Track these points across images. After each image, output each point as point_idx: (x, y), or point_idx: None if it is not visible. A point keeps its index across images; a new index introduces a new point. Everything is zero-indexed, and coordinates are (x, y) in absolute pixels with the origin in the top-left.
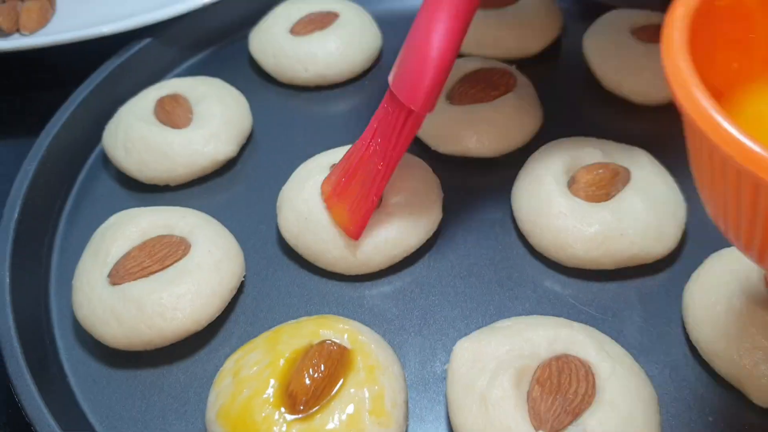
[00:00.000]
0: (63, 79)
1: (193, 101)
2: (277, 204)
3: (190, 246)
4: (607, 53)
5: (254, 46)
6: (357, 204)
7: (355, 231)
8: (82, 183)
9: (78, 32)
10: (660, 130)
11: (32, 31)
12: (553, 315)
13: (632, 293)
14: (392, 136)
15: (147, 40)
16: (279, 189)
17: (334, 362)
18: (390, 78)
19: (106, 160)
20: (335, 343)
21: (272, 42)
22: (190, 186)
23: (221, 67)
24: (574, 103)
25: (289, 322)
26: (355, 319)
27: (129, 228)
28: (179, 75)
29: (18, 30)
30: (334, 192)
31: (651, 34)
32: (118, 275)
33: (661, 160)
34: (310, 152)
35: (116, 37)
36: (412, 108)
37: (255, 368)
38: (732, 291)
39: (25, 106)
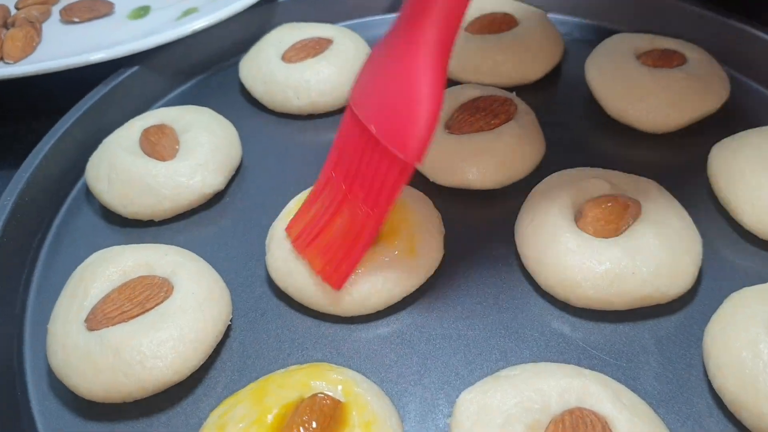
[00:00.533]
0: (49, 107)
1: (180, 131)
2: (267, 241)
3: (172, 287)
4: (611, 79)
5: (245, 73)
6: (340, 255)
7: (337, 281)
8: (64, 217)
9: (64, 60)
10: (668, 160)
11: (17, 60)
12: (563, 360)
13: (647, 336)
14: (380, 185)
15: (135, 68)
16: (269, 224)
17: (327, 418)
18: (359, 112)
19: (88, 194)
20: (328, 396)
21: (263, 69)
22: (175, 220)
23: (211, 95)
24: (577, 131)
25: (278, 371)
26: (350, 365)
27: (109, 268)
28: (168, 103)
29: (1, 58)
30: (307, 242)
31: (656, 59)
32: (96, 320)
33: (671, 191)
34: (302, 184)
35: (104, 65)
36: (407, 161)
37: (241, 424)
38: (757, 335)
39: (10, 134)
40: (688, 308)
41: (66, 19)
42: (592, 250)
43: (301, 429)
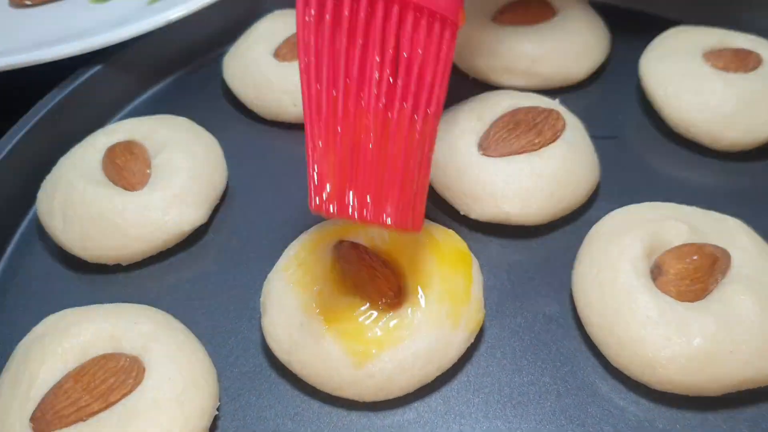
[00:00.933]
0: None
1: (153, 151)
2: (262, 299)
3: (143, 370)
4: (674, 84)
5: (230, 72)
6: (402, 190)
7: (415, 221)
8: (10, 260)
9: (13, 58)
10: (749, 186)
11: None
12: None
13: (745, 430)
14: (429, 64)
15: (98, 67)
16: (262, 269)
17: None
18: None
19: (41, 229)
20: None
21: (252, 69)
22: (148, 264)
23: (189, 99)
24: (634, 148)
25: None
26: None
27: (62, 344)
28: (137, 108)
29: None
30: (352, 184)
31: (728, 60)
32: (45, 420)
33: (757, 229)
34: (304, 216)
35: (61, 61)
36: (450, 17)
37: None
38: None
39: None
40: None
41: (17, 2)
42: (679, 321)
43: None
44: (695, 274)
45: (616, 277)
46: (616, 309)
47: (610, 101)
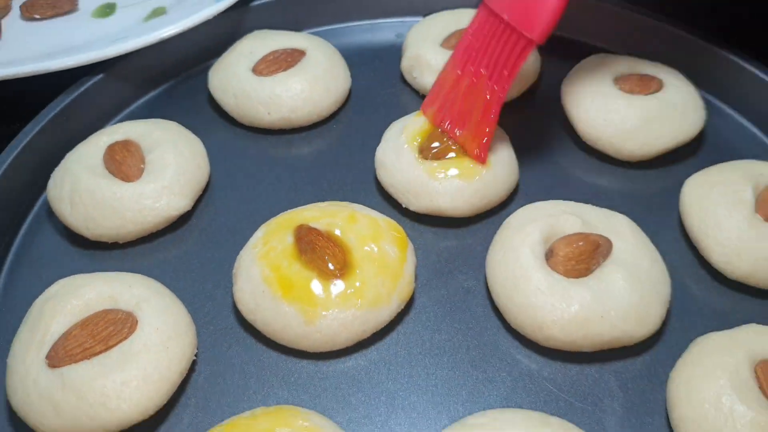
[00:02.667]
0: (7, 115)
1: (146, 149)
2: (234, 271)
3: (137, 322)
4: (587, 103)
5: (214, 83)
6: (477, 129)
7: (483, 155)
8: (24, 238)
9: (24, 67)
10: (642, 191)
11: None
12: (530, 402)
13: (613, 379)
14: (506, 64)
15: (99, 77)
16: (236, 248)
17: None
18: (492, 5)
19: (50, 212)
20: None
21: (233, 82)
22: (140, 243)
23: (178, 106)
24: (552, 156)
25: (243, 415)
26: (316, 404)
27: (71, 301)
28: (134, 112)
29: None
30: (449, 119)
31: (634, 84)
32: (57, 357)
33: (642, 225)
34: (273, 206)
35: (66, 72)
36: (533, 39)
37: None
38: (721, 387)
39: None
40: (654, 350)
41: (27, 15)
42: (562, 292)
43: None
44: (580, 257)
45: (517, 258)
46: (516, 282)
47: (535, 117)
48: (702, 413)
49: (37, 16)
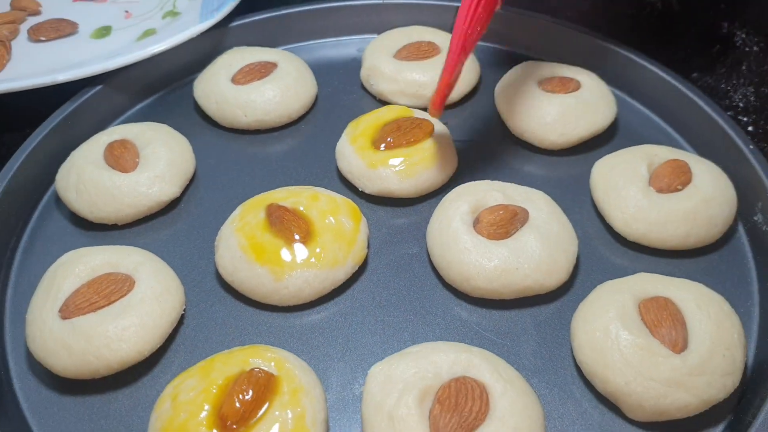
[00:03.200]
0: (19, 121)
1: (140, 146)
2: (215, 242)
3: (134, 282)
4: (514, 103)
5: (198, 93)
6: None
7: (437, 98)
8: (36, 222)
9: (34, 80)
10: (560, 173)
11: None
12: (459, 340)
13: (528, 320)
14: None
15: (98, 87)
16: (218, 226)
17: (262, 387)
18: None
19: (58, 201)
20: (263, 370)
21: (215, 90)
22: (136, 224)
23: (168, 112)
24: (486, 147)
25: (223, 351)
26: (284, 347)
27: (78, 266)
28: (129, 118)
29: None
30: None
31: (555, 85)
32: (68, 310)
33: (557, 200)
34: (249, 192)
35: (70, 83)
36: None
37: (191, 393)
38: (610, 318)
39: None
40: (564, 297)
41: (34, 38)
42: (484, 250)
43: (240, 395)
44: (500, 223)
45: (449, 225)
46: (448, 244)
47: (474, 116)
48: (594, 339)
49: (43, 38)
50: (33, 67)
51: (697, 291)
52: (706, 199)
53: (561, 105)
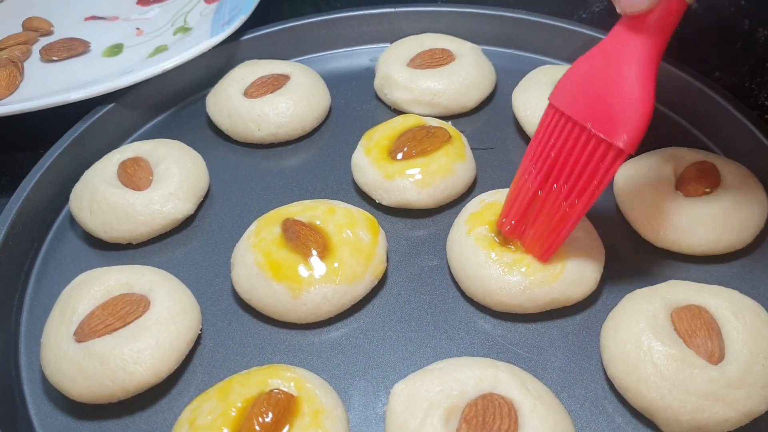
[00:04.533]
0: (33, 140)
1: (154, 163)
2: (232, 259)
3: (149, 303)
4: (533, 107)
5: (211, 107)
6: (548, 236)
7: (546, 255)
8: (50, 243)
9: (46, 100)
10: None
11: (1, 98)
12: (484, 354)
13: (555, 333)
14: (593, 176)
15: (111, 105)
16: (234, 243)
17: (281, 409)
18: (569, 112)
19: (73, 221)
20: (282, 391)
21: (227, 104)
22: (151, 243)
23: (180, 128)
24: (504, 153)
25: (241, 372)
26: (304, 365)
27: (93, 287)
28: (142, 136)
29: None
30: (518, 223)
31: None
32: (83, 333)
33: None
34: (264, 207)
35: (83, 102)
36: (626, 150)
37: (209, 417)
38: (641, 329)
39: None
40: (592, 308)
41: (46, 58)
42: (506, 264)
43: (259, 418)
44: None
45: (468, 238)
46: (469, 258)
47: (492, 122)
48: (625, 351)
49: (55, 58)
50: (46, 87)
51: (731, 298)
52: (735, 201)
53: None
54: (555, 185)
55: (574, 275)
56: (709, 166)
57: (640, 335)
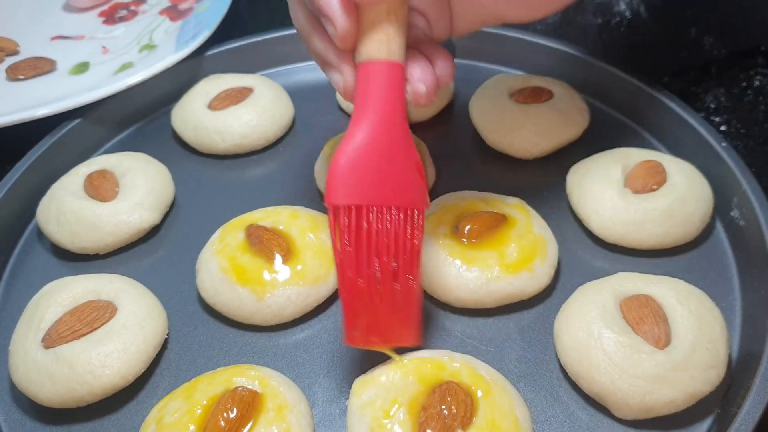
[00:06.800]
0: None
1: (119, 175)
2: (196, 266)
3: (116, 309)
4: (489, 115)
5: (176, 121)
6: (407, 323)
7: (417, 336)
8: (18, 256)
9: (13, 116)
10: (537, 181)
11: None
12: (442, 347)
13: (512, 326)
14: (406, 242)
15: (77, 120)
16: (199, 251)
17: (246, 405)
18: (360, 201)
19: (40, 234)
20: (246, 388)
21: (192, 117)
22: (118, 253)
23: (146, 142)
24: (463, 159)
25: (207, 372)
26: (269, 366)
27: (61, 295)
28: (108, 151)
29: None
30: (375, 336)
31: (527, 96)
32: (51, 339)
33: (535, 207)
34: (229, 216)
35: (49, 118)
36: (422, 209)
37: (176, 415)
38: (592, 318)
39: None
40: (546, 302)
41: (12, 77)
42: (464, 260)
43: (224, 414)
44: (480, 229)
45: (430, 238)
46: (428, 257)
47: (450, 130)
48: (577, 340)
49: (21, 77)
50: (12, 104)
51: (676, 287)
52: (682, 197)
53: (534, 115)
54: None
55: (530, 270)
56: (656, 164)
57: (590, 324)
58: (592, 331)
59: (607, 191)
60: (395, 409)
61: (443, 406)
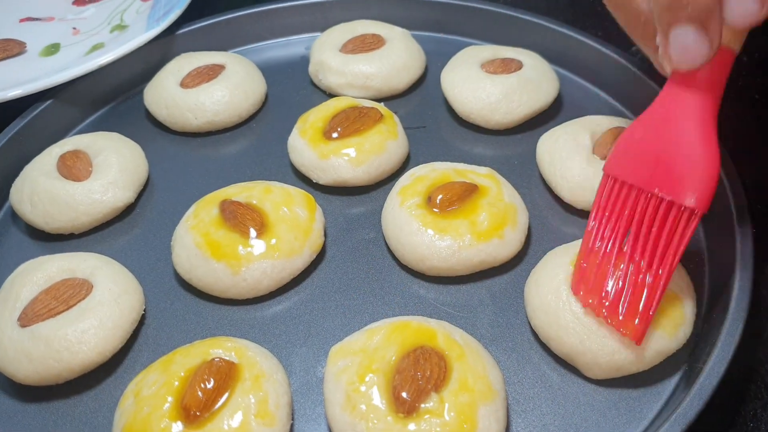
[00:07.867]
0: None
1: (93, 155)
2: (172, 242)
3: (92, 286)
4: (460, 86)
5: (148, 99)
6: (639, 314)
7: (642, 335)
8: None
9: None
10: (509, 150)
11: None
12: (418, 314)
13: (484, 292)
14: (671, 240)
15: (49, 102)
16: (174, 228)
17: (223, 375)
18: (633, 181)
19: (14, 215)
20: (223, 359)
21: (164, 95)
22: (93, 232)
23: (119, 121)
24: (436, 132)
25: (183, 346)
26: (246, 338)
27: (36, 275)
28: (81, 131)
29: None
30: (604, 306)
31: (497, 67)
32: (27, 318)
33: (506, 177)
34: (203, 193)
35: (21, 100)
36: (698, 210)
37: (154, 387)
38: (560, 281)
39: None
40: (517, 268)
41: None
42: (436, 229)
43: (201, 384)
44: (452, 199)
45: (401, 209)
46: (401, 228)
47: (423, 103)
48: (546, 302)
49: None
50: None
51: None
52: None
53: (504, 85)
54: (632, 262)
55: (501, 237)
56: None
57: (558, 286)
58: (561, 293)
59: (576, 158)
60: (370, 375)
61: (417, 370)
